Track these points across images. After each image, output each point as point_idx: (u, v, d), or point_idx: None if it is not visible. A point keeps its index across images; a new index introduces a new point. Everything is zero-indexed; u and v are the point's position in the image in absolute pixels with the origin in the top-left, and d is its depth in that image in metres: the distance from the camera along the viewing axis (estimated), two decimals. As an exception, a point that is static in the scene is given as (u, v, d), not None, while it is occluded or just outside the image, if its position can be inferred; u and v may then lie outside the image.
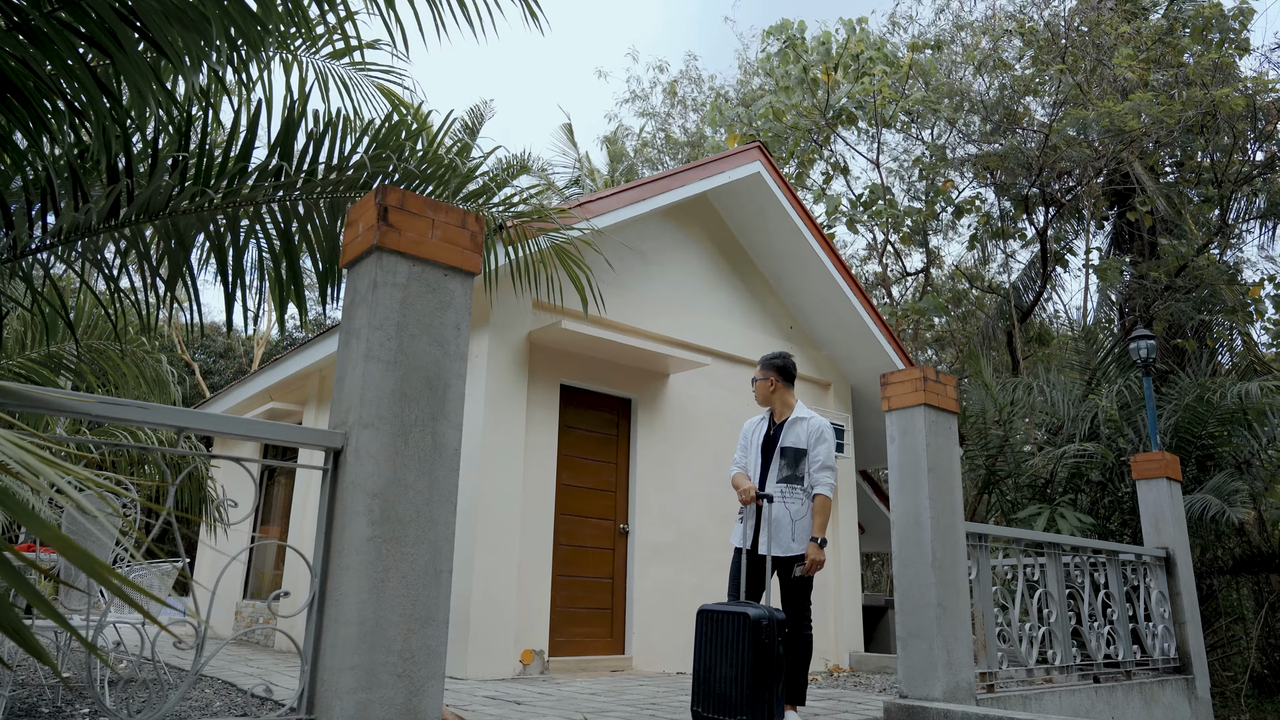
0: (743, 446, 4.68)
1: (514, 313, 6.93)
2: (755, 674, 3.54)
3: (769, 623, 3.59)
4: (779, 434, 4.54)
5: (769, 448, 4.53)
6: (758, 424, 4.66)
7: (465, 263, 2.84)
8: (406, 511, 2.52)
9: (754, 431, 4.65)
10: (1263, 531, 13.21)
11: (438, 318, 2.74)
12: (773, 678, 3.55)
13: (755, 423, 4.69)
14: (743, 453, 4.67)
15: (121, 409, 2.15)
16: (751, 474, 4.56)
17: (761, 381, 4.62)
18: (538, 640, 6.60)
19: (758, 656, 3.52)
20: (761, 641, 3.55)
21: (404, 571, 2.48)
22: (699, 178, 7.85)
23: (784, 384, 4.59)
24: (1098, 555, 6.00)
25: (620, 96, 42.70)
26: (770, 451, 4.52)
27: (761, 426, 4.62)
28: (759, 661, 3.55)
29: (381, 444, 2.51)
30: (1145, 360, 7.26)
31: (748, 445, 4.65)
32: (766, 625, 3.58)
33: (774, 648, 3.56)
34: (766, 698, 3.55)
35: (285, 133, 3.87)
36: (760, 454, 4.55)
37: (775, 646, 3.56)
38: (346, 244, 2.85)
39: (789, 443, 4.47)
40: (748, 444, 4.66)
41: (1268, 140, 11.30)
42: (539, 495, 6.84)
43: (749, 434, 4.68)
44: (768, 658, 3.54)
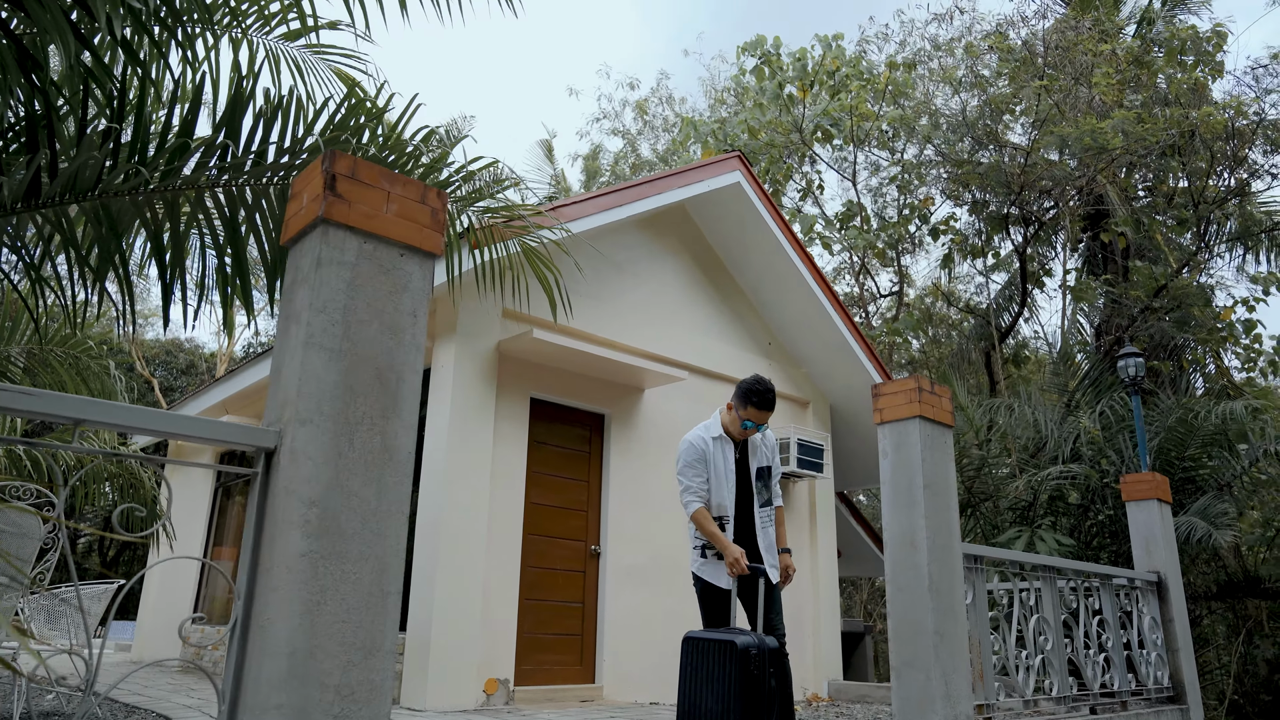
0: (700, 469, 4.15)
1: (482, 321, 6.59)
2: (743, 709, 3.21)
3: (758, 652, 3.28)
4: (746, 455, 4.26)
5: (742, 471, 4.24)
6: (717, 444, 4.19)
7: (425, 242, 2.51)
8: (349, 523, 2.17)
9: (718, 453, 4.18)
10: (1238, 556, 13.13)
11: (391, 302, 2.41)
12: (763, 712, 3.22)
13: (709, 440, 4.19)
14: (704, 479, 4.14)
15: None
16: (726, 504, 4.13)
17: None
18: (503, 668, 6.20)
19: (745, 689, 3.19)
20: (749, 672, 3.23)
21: (344, 593, 2.12)
22: (677, 185, 7.59)
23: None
24: (1091, 580, 5.75)
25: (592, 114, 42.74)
26: (745, 475, 4.23)
27: (726, 447, 4.22)
28: (747, 695, 3.22)
29: (321, 444, 2.17)
30: (1134, 378, 7.09)
31: (714, 469, 4.16)
32: (755, 655, 3.27)
33: (764, 679, 3.24)
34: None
35: (231, 111, 3.54)
36: (734, 479, 4.19)
37: (766, 679, 3.24)
38: (289, 218, 2.51)
39: (762, 462, 4.23)
40: (713, 468, 4.16)
41: (1241, 164, 11.33)
42: (506, 514, 6.47)
43: (710, 455, 4.16)
44: (756, 690, 3.21)
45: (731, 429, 4.24)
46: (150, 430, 2.03)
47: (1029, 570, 5.18)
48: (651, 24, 52.00)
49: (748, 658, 3.27)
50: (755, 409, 4.14)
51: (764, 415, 4.14)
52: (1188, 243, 12.22)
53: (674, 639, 7.46)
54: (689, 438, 4.24)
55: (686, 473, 4.15)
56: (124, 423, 2.05)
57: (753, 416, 4.15)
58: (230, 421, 2.18)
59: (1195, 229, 11.46)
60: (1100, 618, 5.71)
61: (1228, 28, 10.83)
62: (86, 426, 1.94)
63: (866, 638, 11.32)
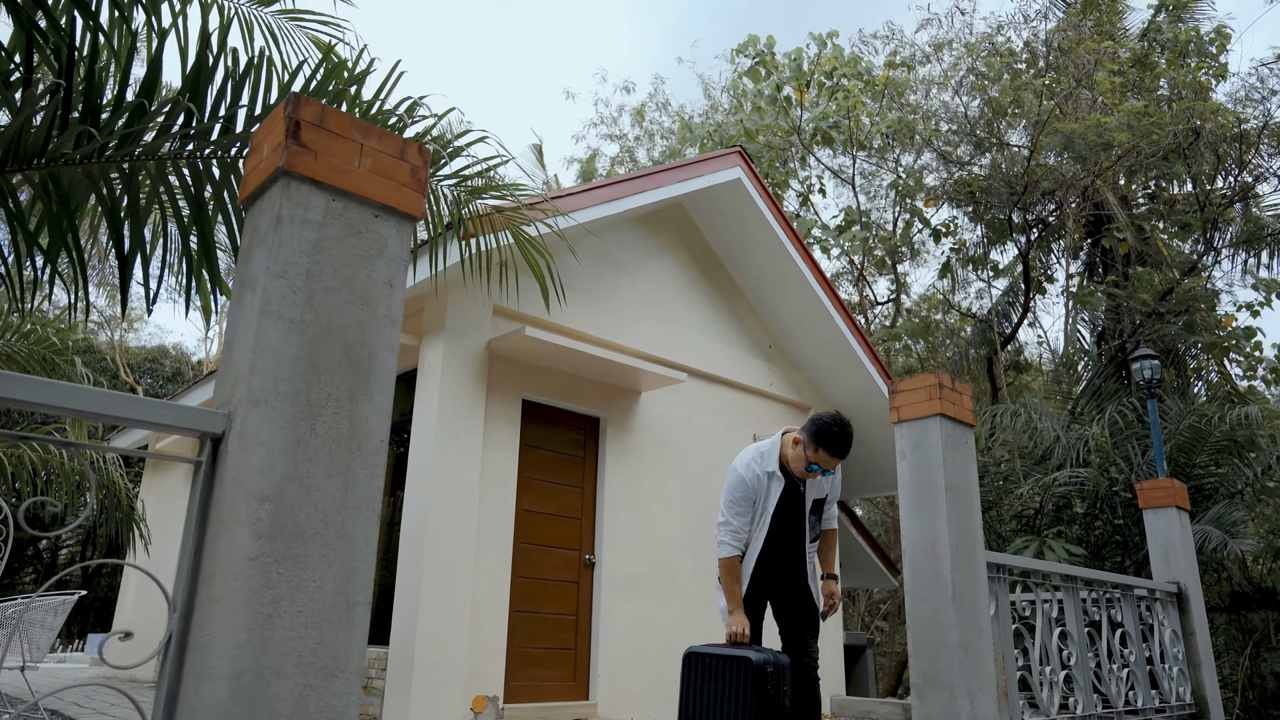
0: (745, 509, 3.76)
1: (472, 319, 6.28)
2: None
3: (775, 669, 2.97)
4: (803, 490, 3.89)
5: (796, 507, 3.88)
6: (767, 479, 3.81)
7: (403, 202, 2.21)
8: (309, 522, 1.86)
9: (767, 489, 3.80)
10: (1242, 567, 12.87)
11: (363, 269, 2.10)
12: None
13: (762, 476, 3.81)
14: (747, 519, 3.77)
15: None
16: (755, 546, 3.78)
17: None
18: (491, 685, 5.86)
19: (761, 712, 2.88)
20: (765, 692, 2.93)
21: (302, 604, 1.81)
22: (676, 180, 7.31)
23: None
24: (1113, 590, 5.46)
25: (588, 119, 42.41)
26: (798, 510, 3.88)
27: (776, 485, 3.82)
28: (762, 713, 2.91)
29: (278, 429, 1.85)
30: (1149, 381, 6.83)
31: (758, 505, 3.79)
32: (772, 672, 2.98)
33: (780, 700, 2.92)
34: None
35: (196, 75, 3.23)
36: (776, 515, 3.83)
37: (781, 699, 2.92)
38: (248, 173, 2.20)
39: (819, 494, 3.89)
40: (757, 503, 3.79)
41: (1246, 166, 11.13)
42: (496, 521, 6.14)
43: (759, 491, 3.79)
44: (773, 713, 2.89)
45: (793, 465, 3.82)
46: (70, 410, 1.71)
47: (1050, 580, 4.89)
48: (645, 30, 51.93)
49: (764, 676, 2.99)
50: (827, 453, 3.69)
51: (834, 462, 3.72)
52: (1191, 248, 12.00)
53: (673, 654, 7.12)
54: (741, 469, 3.83)
55: (730, 509, 3.78)
56: (43, 401, 1.73)
57: (822, 461, 3.71)
58: (168, 403, 1.87)
59: (1202, 232, 11.24)
60: (1122, 630, 5.42)
61: (1230, 28, 10.68)
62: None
63: (867, 651, 11.00)
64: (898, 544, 15.56)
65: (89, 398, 1.72)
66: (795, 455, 3.80)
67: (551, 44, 49.43)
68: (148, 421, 1.83)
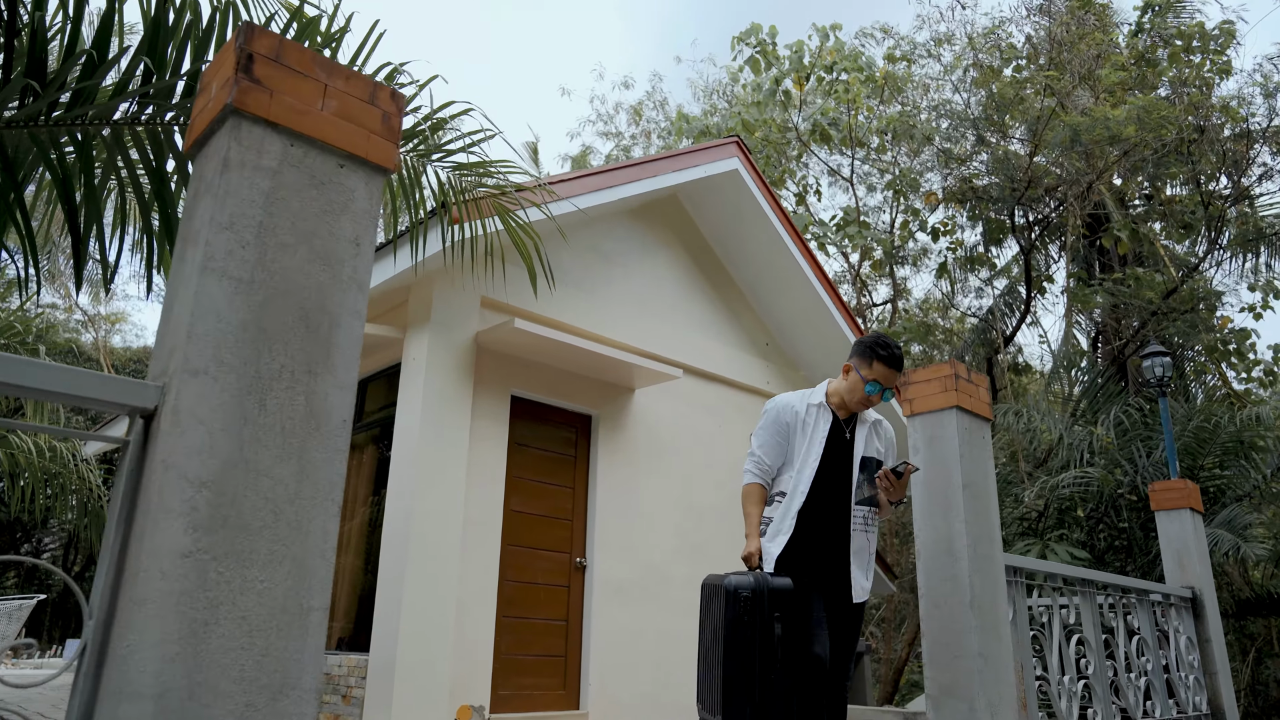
0: (777, 439, 3.30)
1: (459, 310, 6.01)
2: (726, 666, 2.80)
3: (752, 594, 2.81)
4: (853, 435, 3.34)
5: (842, 451, 3.30)
6: (815, 413, 3.31)
7: (373, 152, 1.95)
8: (257, 513, 1.59)
9: (813, 420, 3.29)
10: (1243, 572, 12.69)
11: (326, 224, 1.84)
12: (751, 671, 2.76)
13: (804, 407, 3.33)
14: (778, 451, 3.30)
15: None
16: (802, 486, 3.20)
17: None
18: (478, 693, 5.58)
19: (733, 641, 2.79)
20: (738, 619, 2.80)
21: (246, 608, 1.54)
22: (671, 169, 7.06)
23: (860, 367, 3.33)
24: (1128, 596, 5.22)
25: (584, 116, 42.07)
26: (847, 459, 3.29)
27: (823, 416, 3.31)
28: (734, 650, 2.79)
29: (219, 404, 1.59)
30: (1160, 379, 6.61)
31: (800, 442, 3.27)
32: (747, 597, 2.80)
33: (759, 628, 2.78)
34: (740, 697, 2.75)
35: (155, 27, 2.95)
36: (824, 456, 3.25)
37: (761, 627, 2.78)
38: (194, 116, 1.94)
39: (871, 452, 3.33)
40: (798, 440, 3.27)
41: (1250, 165, 10.97)
42: (483, 522, 5.87)
43: (798, 425, 3.29)
44: (748, 640, 2.78)
45: (848, 397, 3.30)
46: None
47: (1069, 585, 4.65)
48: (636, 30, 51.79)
49: (736, 600, 2.79)
50: (884, 366, 3.22)
51: (894, 377, 3.26)
52: (1189, 250, 11.83)
53: (667, 661, 6.89)
54: (779, 398, 3.43)
55: (759, 436, 3.34)
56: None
57: (881, 377, 3.23)
58: (91, 372, 1.60)
59: (1205, 230, 11.06)
60: (1138, 637, 5.18)
61: (1236, 24, 10.52)
62: None
63: (864, 657, 10.76)
64: (895, 549, 15.32)
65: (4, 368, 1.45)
66: (849, 384, 3.29)
67: (541, 45, 49.22)
68: (67, 394, 1.56)
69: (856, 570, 3.24)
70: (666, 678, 6.63)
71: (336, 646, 6.25)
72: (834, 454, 3.28)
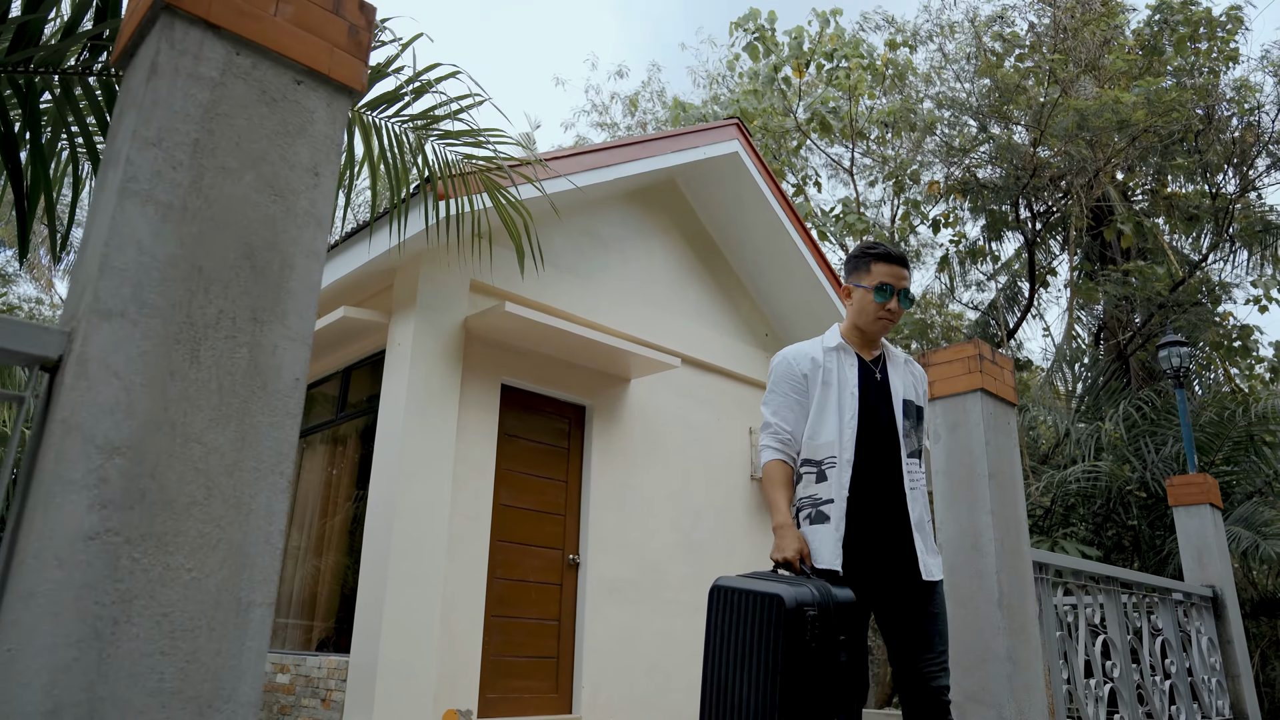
0: (787, 395, 2.62)
1: (447, 294, 5.72)
2: (789, 702, 2.08)
3: (820, 612, 2.14)
4: (885, 376, 2.65)
5: (878, 396, 2.60)
6: (833, 356, 2.63)
7: (337, 69, 1.66)
8: (185, 487, 1.30)
9: (835, 365, 2.61)
10: (1247, 570, 12.49)
11: (279, 149, 1.55)
12: (829, 703, 2.12)
13: (818, 352, 2.65)
14: (791, 410, 2.60)
15: None
16: (836, 439, 2.52)
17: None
18: (464, 697, 5.29)
19: (792, 669, 2.09)
20: (802, 644, 2.09)
21: (167, 604, 1.25)
22: (670, 149, 6.79)
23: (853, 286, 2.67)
24: (1151, 594, 4.97)
25: (578, 107, 41.67)
26: (885, 403, 2.60)
27: (847, 359, 2.62)
28: (795, 679, 2.08)
29: (140, 353, 1.30)
30: (1177, 370, 6.37)
31: (821, 392, 2.58)
32: (814, 617, 2.12)
33: (826, 655, 2.12)
34: None
35: (106, -37, 2.65)
36: (861, 407, 2.56)
37: (829, 653, 2.12)
38: (123, 22, 1.65)
39: (909, 394, 2.65)
40: (819, 390, 2.58)
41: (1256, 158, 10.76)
42: (471, 517, 5.58)
43: (815, 372, 2.61)
44: (811, 670, 2.10)
45: (862, 322, 2.63)
46: None
47: (1091, 583, 4.38)
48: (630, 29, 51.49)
49: (800, 622, 2.09)
50: (884, 263, 2.60)
51: (901, 271, 2.60)
52: (1193, 244, 11.63)
53: (663, 663, 6.61)
54: (786, 350, 2.72)
55: (770, 400, 2.65)
56: None
57: (886, 276, 2.58)
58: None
59: (1214, 223, 10.84)
60: (1162, 638, 4.92)
61: (1243, 9, 10.30)
62: None
63: (864, 659, 10.48)
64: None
65: None
66: (856, 306, 2.64)
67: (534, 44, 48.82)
68: (-53, 340, 1.27)
69: (922, 546, 2.50)
70: (663, 681, 6.35)
71: (317, 648, 5.95)
72: (870, 403, 2.57)
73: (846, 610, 2.22)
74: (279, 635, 6.35)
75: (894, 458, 2.54)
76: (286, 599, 6.45)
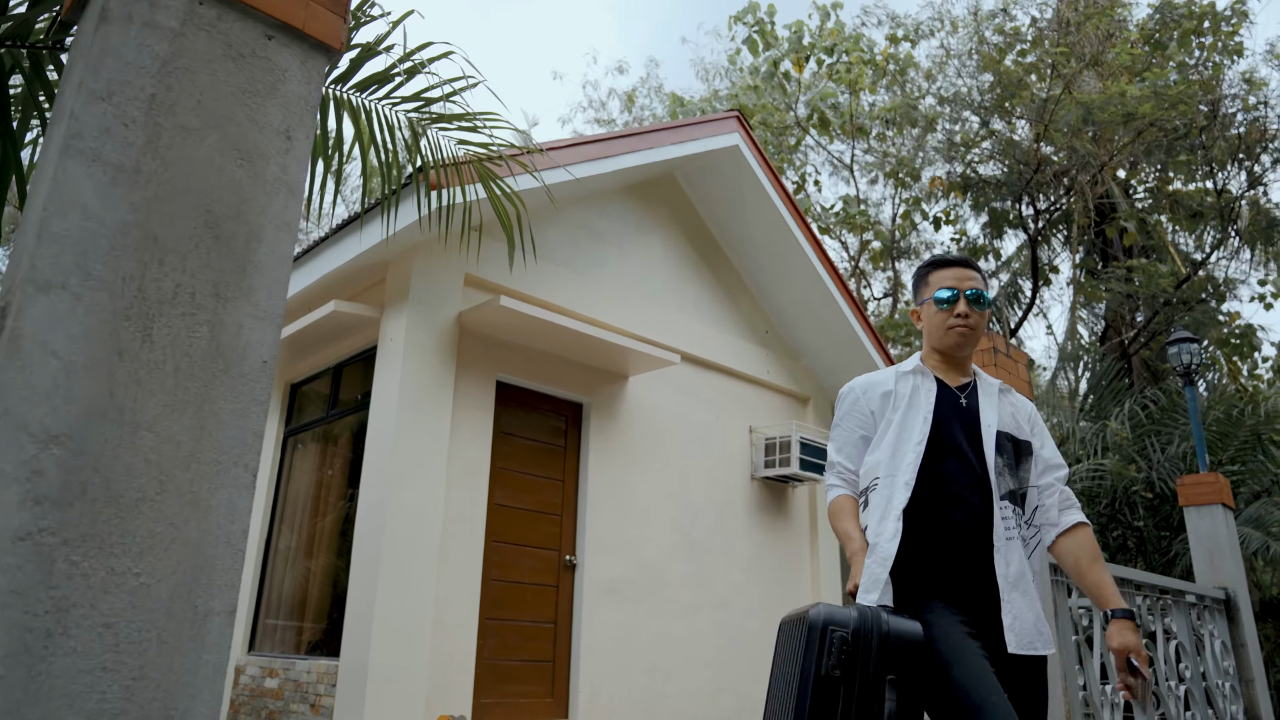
0: (863, 425, 2.24)
1: (441, 288, 5.58)
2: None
3: (852, 636, 1.80)
4: (974, 404, 2.21)
5: (962, 424, 2.16)
6: (909, 381, 2.23)
7: (313, 25, 1.52)
8: (133, 480, 1.16)
9: (908, 389, 2.21)
10: (1251, 571, 12.37)
11: (247, 109, 1.41)
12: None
13: (898, 377, 2.25)
14: (863, 444, 2.23)
15: None
16: (901, 468, 2.09)
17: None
18: (458, 702, 5.14)
19: (805, 694, 1.77)
20: (822, 674, 1.77)
21: (111, 612, 1.11)
22: (670, 141, 6.65)
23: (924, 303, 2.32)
24: (1165, 596, 4.84)
25: (576, 102, 41.48)
26: (973, 437, 2.15)
27: (924, 383, 2.22)
28: (807, 707, 1.76)
29: (83, 330, 1.16)
30: (1187, 367, 6.26)
31: (894, 419, 2.18)
32: (840, 638, 1.79)
33: (854, 685, 1.77)
34: None
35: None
36: (933, 431, 2.13)
37: (860, 683, 1.77)
38: (75, -29, 1.50)
39: (1008, 424, 2.20)
40: (893, 416, 2.19)
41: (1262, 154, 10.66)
42: (465, 517, 5.43)
43: (894, 392, 2.22)
44: (826, 700, 1.76)
45: (936, 339, 2.26)
46: None
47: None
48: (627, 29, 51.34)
49: (821, 643, 1.79)
50: (942, 269, 2.28)
51: (967, 276, 2.25)
52: (1202, 238, 11.52)
53: (662, 666, 6.46)
54: (856, 380, 2.36)
55: (835, 437, 2.30)
56: None
57: (949, 280, 2.25)
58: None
59: (1218, 218, 10.73)
60: (1176, 642, 4.79)
61: (1248, 3, 10.18)
62: None
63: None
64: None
65: None
66: (928, 323, 2.28)
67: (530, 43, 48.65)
68: None
69: (1014, 604, 2.00)
70: (663, 683, 6.21)
71: (306, 651, 5.80)
72: (949, 431, 2.14)
73: (901, 646, 1.80)
74: (268, 638, 6.20)
75: (981, 499, 2.07)
76: (276, 601, 6.30)
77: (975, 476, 2.09)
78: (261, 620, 6.31)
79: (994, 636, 1.97)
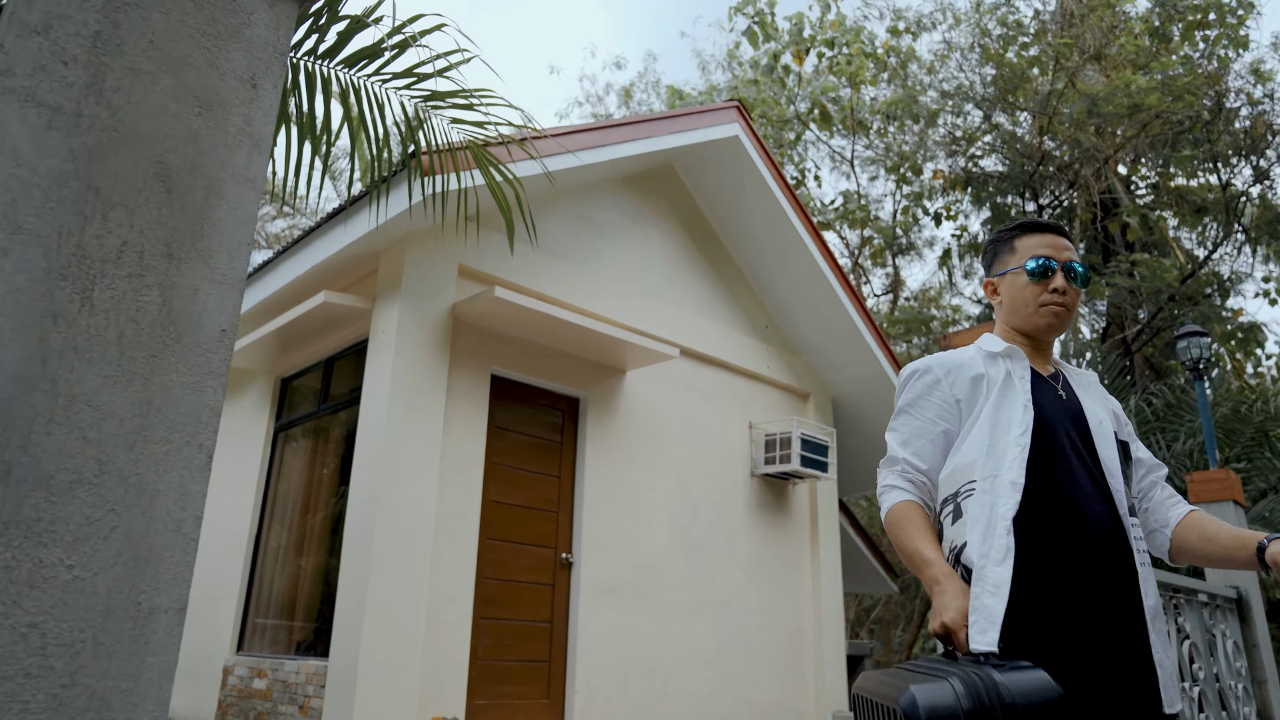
0: (945, 414, 1.74)
1: (434, 279, 5.44)
2: None
3: (966, 714, 1.24)
4: (1073, 397, 1.76)
5: (1063, 418, 1.70)
6: (1001, 362, 1.75)
7: (280, -36, 1.38)
8: (67, 460, 1.02)
9: (999, 373, 1.72)
10: (1255, 572, 12.27)
11: (205, 52, 1.27)
12: None
13: (985, 358, 1.78)
14: (941, 438, 1.73)
15: None
16: (1004, 466, 1.59)
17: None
18: (451, 703, 5.01)
19: None
20: None
21: (37, 610, 0.97)
22: (669, 130, 6.51)
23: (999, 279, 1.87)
24: (1177, 595, 4.71)
25: (572, 97, 41.28)
26: (1081, 432, 1.70)
27: (1017, 365, 1.74)
28: None
29: (9, 290, 1.02)
30: (1196, 361, 6.13)
31: (981, 405, 1.70)
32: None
33: None
34: None
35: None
36: (1050, 433, 1.65)
37: None
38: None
39: (1113, 425, 1.79)
40: (984, 398, 1.71)
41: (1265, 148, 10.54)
42: (459, 514, 5.30)
43: (985, 376, 1.73)
44: None
45: (1023, 317, 1.79)
46: None
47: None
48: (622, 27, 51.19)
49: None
50: (1033, 234, 1.81)
51: (1061, 244, 1.78)
52: (1205, 234, 11.41)
53: (660, 667, 6.33)
54: (925, 360, 1.88)
55: (901, 426, 1.78)
56: None
57: (1042, 248, 1.77)
58: None
59: (1224, 214, 10.61)
60: (1189, 642, 4.67)
61: (1253, 0, 10.09)
62: None
63: (866, 661, 10.27)
64: (890, 546, 14.84)
65: None
66: (1010, 296, 1.82)
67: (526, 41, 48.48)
68: None
69: (1158, 649, 1.56)
70: (661, 684, 6.08)
71: (296, 651, 5.66)
72: (1054, 425, 1.68)
73: (1031, 713, 1.28)
74: (257, 638, 6.06)
75: (1109, 513, 1.62)
76: (265, 600, 6.16)
77: (1095, 485, 1.65)
78: (250, 619, 6.17)
79: (1140, 688, 1.53)
